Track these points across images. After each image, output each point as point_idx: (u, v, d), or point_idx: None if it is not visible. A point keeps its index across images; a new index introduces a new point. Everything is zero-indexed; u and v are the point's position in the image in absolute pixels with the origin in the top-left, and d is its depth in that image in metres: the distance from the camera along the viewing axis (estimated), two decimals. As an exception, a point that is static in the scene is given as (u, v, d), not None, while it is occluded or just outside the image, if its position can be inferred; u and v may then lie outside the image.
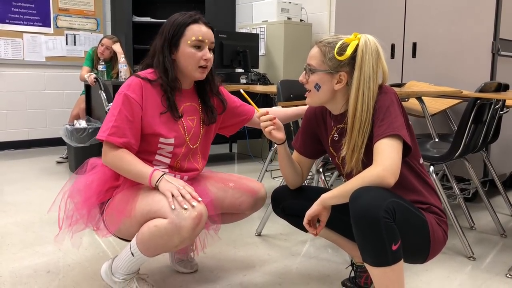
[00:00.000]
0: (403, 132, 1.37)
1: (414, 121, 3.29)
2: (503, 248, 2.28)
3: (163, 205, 1.46)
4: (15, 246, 2.23)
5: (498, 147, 3.12)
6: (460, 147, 2.16)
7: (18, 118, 5.12)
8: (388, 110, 1.39)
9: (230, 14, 5.66)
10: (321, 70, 1.47)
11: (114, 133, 1.53)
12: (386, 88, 1.45)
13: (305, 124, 1.70)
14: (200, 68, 1.62)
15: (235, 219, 1.84)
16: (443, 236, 1.46)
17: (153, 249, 1.50)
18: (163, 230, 1.43)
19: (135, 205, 1.52)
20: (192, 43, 1.59)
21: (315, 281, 1.88)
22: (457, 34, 3.11)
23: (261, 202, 1.79)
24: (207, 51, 1.62)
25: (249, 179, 1.81)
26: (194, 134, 1.70)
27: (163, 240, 1.45)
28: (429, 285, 1.84)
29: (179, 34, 1.60)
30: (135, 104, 1.56)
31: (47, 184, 3.50)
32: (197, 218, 1.43)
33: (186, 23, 1.60)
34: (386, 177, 1.30)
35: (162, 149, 1.64)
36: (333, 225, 1.68)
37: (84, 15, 5.49)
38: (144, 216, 1.50)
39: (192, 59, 1.60)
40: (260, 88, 3.09)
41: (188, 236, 1.44)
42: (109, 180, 1.63)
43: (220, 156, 4.91)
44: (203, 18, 1.64)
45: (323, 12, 4.80)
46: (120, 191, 1.60)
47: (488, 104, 2.26)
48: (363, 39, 1.43)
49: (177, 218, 1.42)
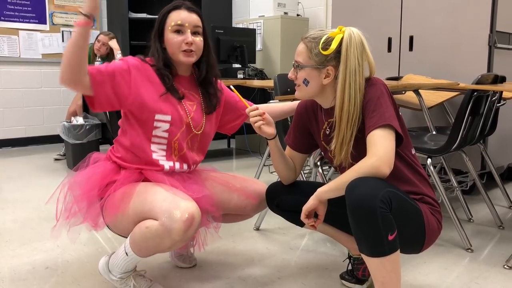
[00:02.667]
0: (394, 122, 1.37)
1: (411, 114, 3.29)
2: (501, 240, 2.29)
3: (155, 205, 1.44)
4: (14, 242, 2.23)
5: (495, 139, 3.13)
6: (457, 139, 2.16)
7: (15, 116, 5.11)
8: (378, 101, 1.39)
9: (227, 9, 5.65)
10: (308, 66, 1.47)
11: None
12: (374, 80, 1.45)
13: (297, 119, 1.70)
14: (184, 52, 1.61)
15: (238, 219, 1.85)
16: (437, 226, 1.47)
17: (144, 250, 1.49)
18: (154, 232, 1.42)
19: (130, 202, 1.51)
20: (173, 29, 1.61)
21: (313, 274, 1.88)
22: (454, 27, 3.12)
23: (264, 204, 1.80)
24: (189, 34, 1.61)
25: (254, 181, 1.82)
26: (196, 120, 1.69)
27: (154, 242, 1.43)
28: (427, 277, 1.85)
29: (162, 22, 1.64)
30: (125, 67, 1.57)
31: (44, 181, 3.50)
32: (188, 221, 1.40)
33: (167, 10, 1.64)
34: (381, 167, 1.30)
35: (158, 128, 1.61)
36: (328, 219, 1.68)
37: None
38: (137, 215, 1.48)
39: (174, 44, 1.61)
40: (257, 83, 3.09)
41: (179, 239, 1.41)
42: (110, 174, 1.62)
43: (218, 152, 4.91)
44: (187, 3, 1.65)
45: (319, 7, 4.79)
46: (120, 186, 1.59)
47: (485, 96, 2.26)
48: (347, 32, 1.42)
49: (168, 221, 1.39)
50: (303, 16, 4.84)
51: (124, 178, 1.60)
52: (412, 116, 3.30)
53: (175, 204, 1.42)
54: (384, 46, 3.44)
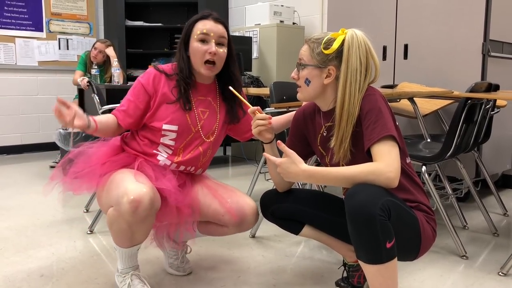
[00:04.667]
0: (395, 133, 1.39)
1: (406, 121, 3.31)
2: (495, 247, 2.30)
3: (112, 194, 1.53)
4: (8, 250, 2.22)
5: (489, 147, 3.15)
6: (452, 147, 2.18)
7: (10, 123, 5.10)
8: (380, 112, 1.40)
9: (223, 17, 5.63)
10: (310, 64, 1.49)
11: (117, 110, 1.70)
12: (372, 90, 1.47)
13: (293, 126, 1.71)
14: (206, 65, 1.65)
15: (219, 233, 1.79)
16: (432, 234, 1.48)
17: (116, 237, 1.59)
18: (111, 217, 1.53)
19: (104, 188, 1.60)
20: (198, 38, 1.65)
21: (309, 281, 1.88)
22: (448, 36, 3.15)
23: (248, 221, 1.73)
24: (213, 44, 1.64)
25: (242, 195, 1.77)
26: (207, 128, 1.74)
27: (115, 226, 1.54)
28: (422, 284, 1.85)
29: (189, 30, 1.68)
30: (141, 89, 1.68)
31: (40, 189, 3.48)
32: (134, 202, 1.45)
33: (195, 20, 1.69)
34: (394, 180, 1.33)
35: (165, 136, 1.69)
36: (325, 227, 1.69)
37: (77, 20, 5.48)
38: (108, 203, 1.57)
39: (197, 53, 1.65)
40: (253, 91, 3.11)
41: (133, 219, 1.48)
42: (113, 152, 1.72)
43: (214, 159, 4.88)
44: (214, 14, 1.70)
45: (315, 15, 4.82)
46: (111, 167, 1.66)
47: (479, 104, 2.28)
48: (350, 33, 1.45)
49: (117, 205, 1.49)
50: (299, 24, 4.87)
51: (118, 159, 1.69)
52: (407, 124, 3.32)
53: (123, 188, 1.49)
54: (379, 55, 3.47)
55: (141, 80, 1.69)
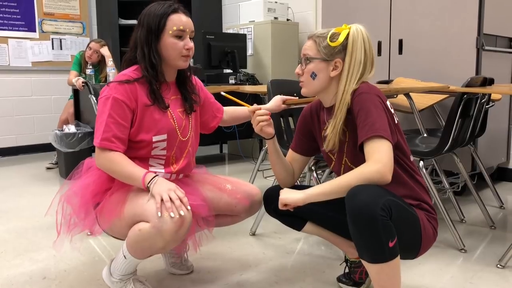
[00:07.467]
0: (386, 133, 1.38)
1: (402, 117, 3.33)
2: (493, 240, 2.32)
3: (146, 208, 1.47)
4: (9, 253, 2.21)
5: (485, 140, 3.17)
6: (449, 141, 2.20)
7: (5, 125, 5.07)
8: (369, 111, 1.41)
9: (217, 14, 5.66)
10: (317, 58, 1.51)
11: (105, 139, 1.53)
12: (367, 87, 1.46)
13: (300, 122, 1.73)
14: (183, 57, 1.63)
15: (230, 222, 1.84)
16: (433, 233, 1.49)
17: (140, 252, 1.53)
18: (146, 234, 1.45)
19: (124, 206, 1.54)
20: (174, 33, 1.60)
21: (310, 277, 1.90)
22: (442, 30, 3.16)
23: (257, 206, 1.81)
24: (189, 40, 1.63)
25: (244, 183, 1.83)
26: (184, 127, 1.71)
27: (147, 243, 1.47)
28: (422, 278, 1.88)
29: (161, 25, 1.59)
30: (123, 107, 1.55)
31: (37, 190, 3.47)
32: (179, 221, 1.43)
33: (167, 13, 1.60)
34: (387, 174, 1.33)
35: (156, 148, 1.64)
36: (326, 223, 1.70)
37: (70, 19, 5.45)
38: (131, 218, 1.51)
39: (175, 49, 1.61)
40: (249, 88, 3.11)
41: (171, 239, 1.45)
42: (105, 182, 1.63)
43: (211, 157, 4.92)
44: (181, 7, 1.65)
45: (309, 11, 4.82)
46: (113, 192, 1.61)
47: (475, 99, 2.30)
48: (354, 27, 1.50)
49: (159, 222, 1.43)
50: (293, 20, 4.87)
51: (119, 185, 1.62)
52: (403, 119, 3.34)
53: (170, 209, 1.44)
54: (374, 50, 3.47)
55: (118, 96, 1.54)
